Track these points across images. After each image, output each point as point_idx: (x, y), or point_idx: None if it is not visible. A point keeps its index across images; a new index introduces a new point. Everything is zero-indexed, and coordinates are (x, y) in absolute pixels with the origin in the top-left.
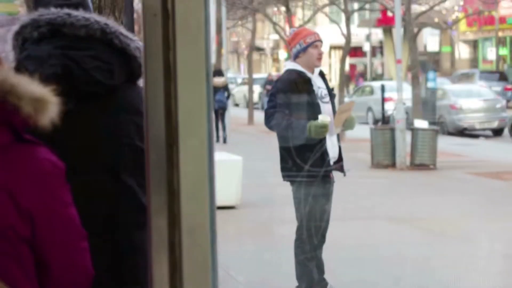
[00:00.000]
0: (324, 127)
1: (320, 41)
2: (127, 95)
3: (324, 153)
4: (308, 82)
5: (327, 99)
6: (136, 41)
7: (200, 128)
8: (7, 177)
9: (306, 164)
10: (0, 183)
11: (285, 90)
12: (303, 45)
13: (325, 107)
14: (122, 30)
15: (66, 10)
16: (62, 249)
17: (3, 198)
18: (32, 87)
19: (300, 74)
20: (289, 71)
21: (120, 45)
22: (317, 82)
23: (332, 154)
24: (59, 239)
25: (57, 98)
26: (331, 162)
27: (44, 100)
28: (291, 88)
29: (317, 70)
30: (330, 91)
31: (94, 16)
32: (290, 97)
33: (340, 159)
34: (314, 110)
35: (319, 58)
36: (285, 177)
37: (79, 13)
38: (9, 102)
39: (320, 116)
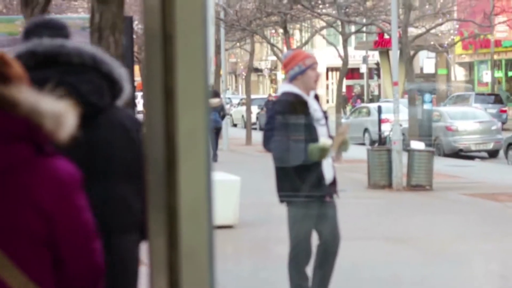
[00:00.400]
0: (326, 150)
1: (317, 63)
2: (117, 115)
3: (321, 175)
4: (305, 104)
5: (323, 121)
6: (118, 67)
7: (199, 150)
8: (31, 188)
9: (302, 185)
10: (24, 193)
11: (283, 112)
12: (303, 67)
13: (322, 130)
14: (108, 57)
15: (60, 41)
16: (78, 249)
17: (28, 206)
18: (52, 104)
19: (297, 96)
20: (286, 93)
21: (107, 71)
22: (313, 104)
23: (328, 176)
24: (76, 240)
25: (74, 110)
26: (327, 184)
27: (64, 115)
28: (289, 110)
29: (312, 93)
30: (324, 113)
31: (83, 46)
32: (287, 119)
33: (334, 181)
34: (311, 132)
35: (317, 80)
36: (281, 198)
37: (71, 43)
38: (33, 120)
39: (321, 139)
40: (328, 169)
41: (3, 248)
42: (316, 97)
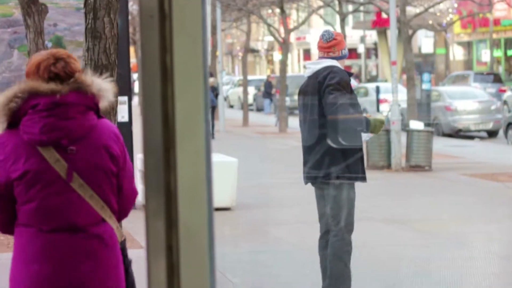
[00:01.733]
0: (383, 123)
1: None
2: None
3: (362, 155)
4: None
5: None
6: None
7: (198, 131)
8: (102, 139)
9: (356, 165)
10: (100, 143)
11: (346, 84)
12: (347, 51)
13: None
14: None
15: None
16: (129, 179)
17: (103, 151)
18: (104, 84)
19: (347, 72)
20: (340, 68)
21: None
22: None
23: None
24: (129, 173)
25: (112, 87)
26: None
27: (107, 89)
28: (347, 83)
29: None
30: None
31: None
32: (347, 92)
33: None
34: (358, 107)
35: None
36: (332, 178)
37: None
38: (97, 95)
39: (378, 114)
40: None
41: (88, 182)
42: None
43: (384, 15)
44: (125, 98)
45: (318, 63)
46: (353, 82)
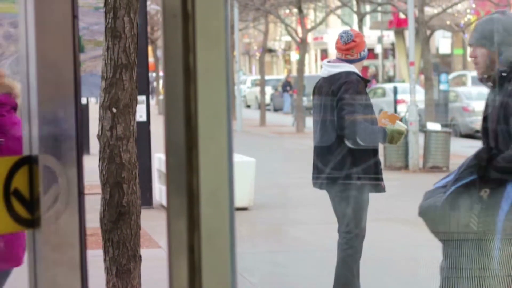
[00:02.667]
0: (402, 134)
1: None
2: None
3: (378, 161)
4: (365, 87)
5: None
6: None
7: (220, 131)
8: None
9: (362, 170)
10: (20, 135)
11: (360, 93)
12: (367, 52)
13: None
14: None
15: None
16: None
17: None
18: (16, 84)
19: (362, 77)
20: (354, 74)
21: None
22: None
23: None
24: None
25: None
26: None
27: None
28: (361, 91)
29: None
30: None
31: None
32: (360, 100)
33: None
34: (372, 113)
35: None
36: (345, 183)
37: None
38: (14, 94)
39: (398, 122)
40: None
41: None
42: None
43: (401, 16)
44: (143, 98)
45: (335, 66)
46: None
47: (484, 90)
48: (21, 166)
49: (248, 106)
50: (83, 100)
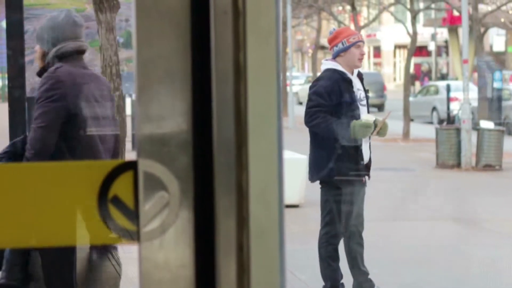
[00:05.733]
0: (369, 127)
1: (363, 41)
2: None
3: (359, 156)
4: (349, 83)
5: (365, 101)
6: None
7: (270, 129)
8: None
9: (341, 166)
10: None
11: (328, 90)
12: (346, 44)
13: (363, 110)
14: None
15: None
16: None
17: None
18: None
19: (341, 74)
20: (331, 71)
21: None
22: (356, 83)
23: (365, 158)
24: None
25: None
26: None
27: None
28: (333, 88)
29: (355, 71)
30: (366, 93)
31: None
32: (332, 97)
33: (370, 162)
34: (353, 112)
35: (361, 58)
36: (316, 178)
37: None
38: None
39: (363, 116)
40: (366, 151)
41: None
42: (360, 76)
43: (455, 13)
44: None
45: (322, 64)
46: (359, 84)
47: None
48: (123, 171)
49: (300, 103)
50: None
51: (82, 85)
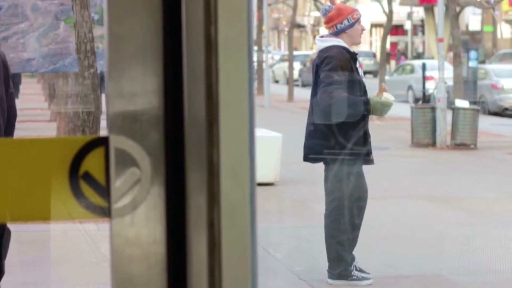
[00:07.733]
0: (389, 106)
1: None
2: None
3: (367, 133)
4: (355, 59)
5: (364, 78)
6: None
7: (242, 106)
8: None
9: (349, 142)
10: None
11: (342, 67)
12: (351, 21)
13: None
14: None
15: None
16: None
17: None
18: None
19: (349, 51)
20: (338, 47)
21: None
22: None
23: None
24: None
25: None
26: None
27: None
28: (345, 65)
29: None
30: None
31: None
32: (346, 74)
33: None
34: (360, 87)
35: (361, 34)
36: (324, 155)
37: None
38: None
39: (385, 94)
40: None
41: None
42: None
43: None
44: None
45: (324, 40)
46: (362, 62)
47: None
48: (95, 148)
49: (276, 82)
50: None
51: None
